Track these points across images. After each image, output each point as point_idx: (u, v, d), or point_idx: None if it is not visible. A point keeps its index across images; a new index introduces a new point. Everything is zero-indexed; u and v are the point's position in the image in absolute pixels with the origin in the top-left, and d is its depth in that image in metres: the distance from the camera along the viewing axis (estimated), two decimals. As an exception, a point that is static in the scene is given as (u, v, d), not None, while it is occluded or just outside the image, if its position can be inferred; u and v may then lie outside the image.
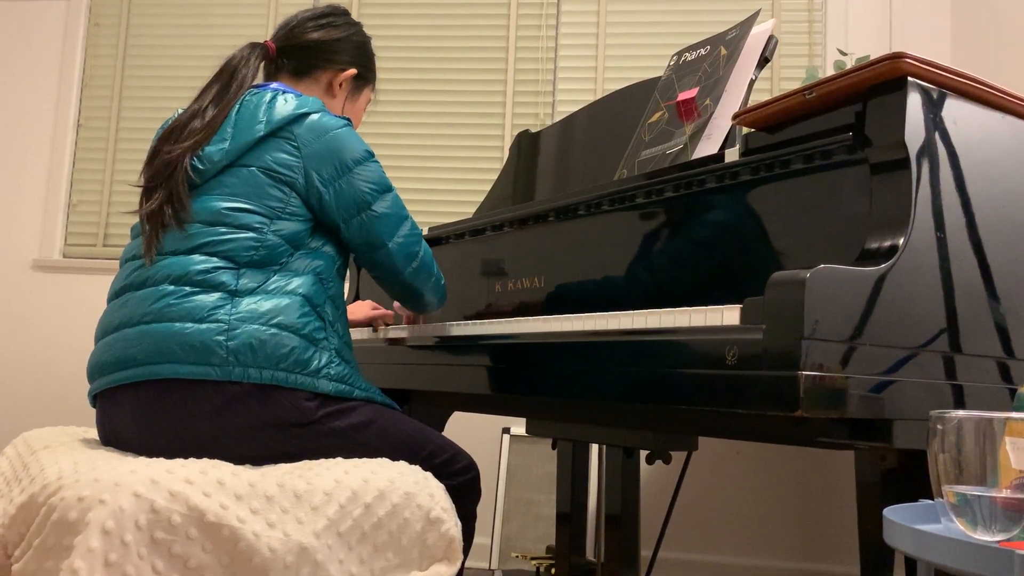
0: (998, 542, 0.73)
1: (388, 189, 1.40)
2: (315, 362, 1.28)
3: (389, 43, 3.10)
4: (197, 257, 1.27)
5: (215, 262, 1.26)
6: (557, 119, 2.66)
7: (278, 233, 1.31)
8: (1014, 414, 0.77)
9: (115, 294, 1.33)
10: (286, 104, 1.35)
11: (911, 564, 1.03)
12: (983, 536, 0.75)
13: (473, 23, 3.09)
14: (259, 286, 1.27)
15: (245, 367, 1.22)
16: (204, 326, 1.22)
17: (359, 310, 1.90)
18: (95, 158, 3.20)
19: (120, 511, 1.01)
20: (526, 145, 2.06)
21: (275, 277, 1.29)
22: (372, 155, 1.40)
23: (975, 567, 0.69)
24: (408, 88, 3.08)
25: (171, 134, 1.35)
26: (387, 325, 1.91)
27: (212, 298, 1.24)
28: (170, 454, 1.21)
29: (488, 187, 2.90)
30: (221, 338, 1.22)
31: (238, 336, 1.22)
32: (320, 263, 1.35)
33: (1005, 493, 0.74)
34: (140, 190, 1.34)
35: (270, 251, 1.29)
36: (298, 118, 1.34)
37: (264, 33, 3.16)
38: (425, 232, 1.92)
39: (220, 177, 1.32)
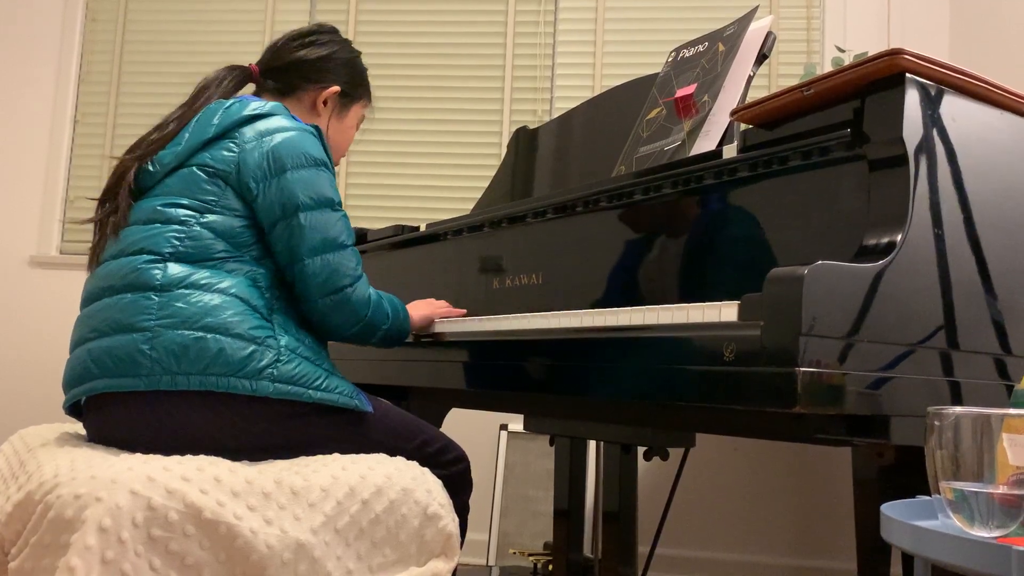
0: (995, 538, 0.73)
1: (328, 205, 1.31)
2: (254, 362, 1.20)
3: (387, 39, 3.10)
4: (124, 259, 1.26)
5: (142, 259, 1.25)
6: (555, 115, 2.65)
7: (207, 225, 1.26)
8: (1012, 410, 0.77)
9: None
10: (242, 107, 1.33)
11: (908, 560, 1.03)
12: (980, 532, 0.75)
13: (471, 19, 3.09)
14: (187, 277, 1.23)
15: (173, 375, 1.18)
16: (128, 336, 1.20)
17: (418, 309, 1.58)
18: (92, 154, 3.19)
19: (117, 508, 1.01)
20: (524, 141, 2.06)
21: (205, 272, 1.24)
22: (322, 164, 1.32)
23: (972, 563, 0.69)
24: (406, 84, 3.08)
25: (133, 146, 1.36)
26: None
27: (140, 298, 1.22)
28: (167, 451, 1.21)
29: (486, 183, 2.89)
30: (145, 347, 1.19)
31: (159, 344, 1.19)
32: (261, 271, 1.29)
33: (1002, 489, 0.74)
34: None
35: (198, 243, 1.25)
36: (249, 120, 1.32)
37: (260, 29, 3.16)
38: (423, 228, 1.92)
39: (165, 179, 1.32)
